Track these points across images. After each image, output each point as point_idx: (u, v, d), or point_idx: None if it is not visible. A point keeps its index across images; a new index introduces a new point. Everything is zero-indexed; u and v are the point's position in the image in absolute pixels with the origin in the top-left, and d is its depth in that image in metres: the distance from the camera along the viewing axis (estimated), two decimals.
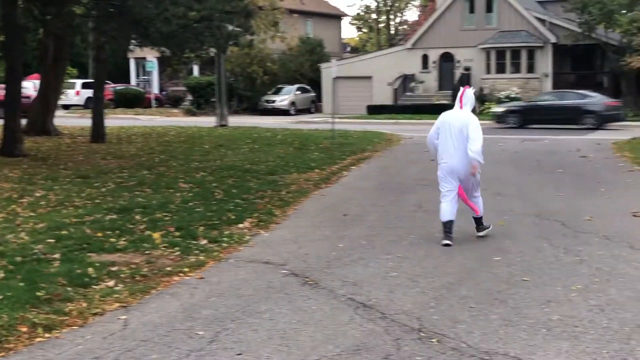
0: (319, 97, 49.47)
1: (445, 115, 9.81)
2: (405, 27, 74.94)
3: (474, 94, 10.06)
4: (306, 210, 12.20)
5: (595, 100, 32.59)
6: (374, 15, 76.94)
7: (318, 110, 48.77)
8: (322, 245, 9.49)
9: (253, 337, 5.97)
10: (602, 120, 31.76)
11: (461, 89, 9.97)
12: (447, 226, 9.49)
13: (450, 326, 6.23)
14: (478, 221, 9.99)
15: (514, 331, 6.11)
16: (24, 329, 6.05)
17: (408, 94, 45.62)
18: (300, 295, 7.16)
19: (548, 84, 42.87)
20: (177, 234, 9.77)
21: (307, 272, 8.07)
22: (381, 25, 77.10)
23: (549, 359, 5.56)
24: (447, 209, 9.54)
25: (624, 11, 39.25)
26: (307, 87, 50.08)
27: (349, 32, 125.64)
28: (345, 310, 6.68)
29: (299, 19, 53.97)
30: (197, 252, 8.92)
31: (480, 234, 9.93)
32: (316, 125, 34.45)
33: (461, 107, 9.65)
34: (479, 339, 5.94)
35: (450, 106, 10.82)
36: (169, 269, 8.12)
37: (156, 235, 9.57)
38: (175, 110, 47.96)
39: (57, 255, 8.41)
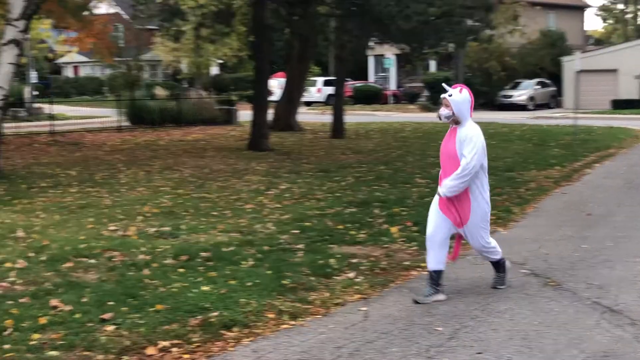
0: (559, 92, 47.72)
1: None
2: None
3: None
4: (546, 209, 11.81)
5: None
6: (620, 6, 73.00)
7: (558, 105, 47.04)
8: (564, 245, 9.14)
9: (493, 337, 5.87)
10: None
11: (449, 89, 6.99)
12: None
13: None
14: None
15: None
16: (271, 316, 6.34)
17: None
18: (541, 297, 6.93)
19: None
20: (414, 228, 9.81)
21: (549, 272, 7.80)
22: (628, 15, 72.95)
23: None
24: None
25: None
26: (547, 81, 48.45)
27: (592, 23, 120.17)
28: (591, 314, 6.38)
29: (540, 12, 52.32)
30: None
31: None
32: (556, 120, 33.29)
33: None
34: None
35: None
36: (407, 263, 8.19)
37: (394, 229, 9.69)
38: (411, 106, 48.31)
39: (301, 246, 8.75)
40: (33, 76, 46.85)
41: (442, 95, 6.92)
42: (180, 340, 5.74)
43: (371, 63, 59.06)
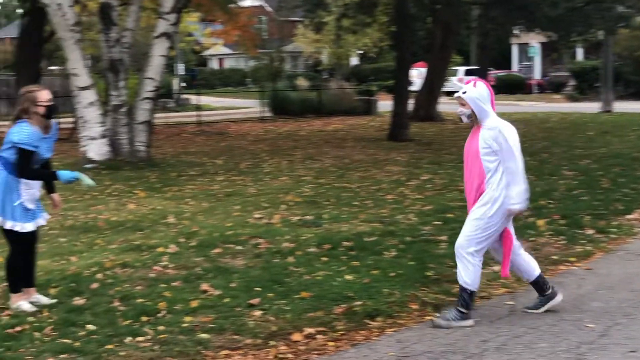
0: None
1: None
2: None
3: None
4: None
5: None
6: None
7: None
8: None
9: None
10: None
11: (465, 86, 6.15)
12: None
13: None
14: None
15: None
16: (415, 307, 6.32)
17: None
18: None
19: None
20: (561, 222, 9.53)
21: None
22: None
23: None
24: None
25: None
26: None
27: None
28: None
29: None
30: (583, 241, 8.62)
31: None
32: None
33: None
34: None
35: None
36: (554, 257, 7.97)
37: (541, 222, 9.44)
38: (556, 96, 46.85)
39: (443, 237, 8.64)
40: (181, 68, 48.60)
41: (456, 94, 6.13)
42: (325, 327, 5.81)
43: (514, 52, 57.71)
